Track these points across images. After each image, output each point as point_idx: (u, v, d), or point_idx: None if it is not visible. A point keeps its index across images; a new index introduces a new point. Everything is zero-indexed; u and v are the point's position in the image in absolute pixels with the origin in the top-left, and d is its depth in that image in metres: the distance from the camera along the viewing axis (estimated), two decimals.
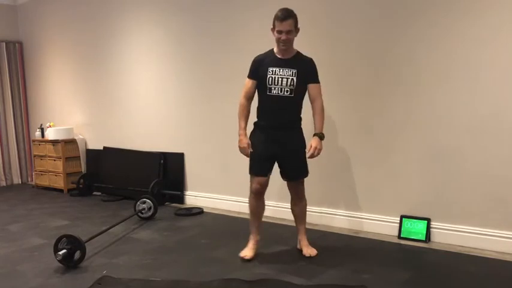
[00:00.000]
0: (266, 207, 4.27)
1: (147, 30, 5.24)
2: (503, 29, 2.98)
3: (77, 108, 6.31)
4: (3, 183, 6.82)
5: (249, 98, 3.11)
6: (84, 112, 6.22)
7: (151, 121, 5.33)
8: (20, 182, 7.03)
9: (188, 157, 5.03)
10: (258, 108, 3.14)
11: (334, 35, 3.76)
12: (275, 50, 3.05)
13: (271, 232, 3.81)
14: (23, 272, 3.08)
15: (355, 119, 3.71)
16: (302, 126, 3.16)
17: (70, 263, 3.11)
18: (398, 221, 3.51)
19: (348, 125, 3.75)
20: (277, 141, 3.06)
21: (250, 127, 3.16)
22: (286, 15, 2.90)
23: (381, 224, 3.62)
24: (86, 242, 3.25)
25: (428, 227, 3.37)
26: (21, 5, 6.97)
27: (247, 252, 3.14)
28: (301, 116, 3.13)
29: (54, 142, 6.03)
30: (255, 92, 3.11)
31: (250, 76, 3.10)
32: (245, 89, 3.11)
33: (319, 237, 3.63)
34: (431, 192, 3.37)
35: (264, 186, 3.14)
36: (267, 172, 3.13)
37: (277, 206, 4.21)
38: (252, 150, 3.11)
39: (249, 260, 3.08)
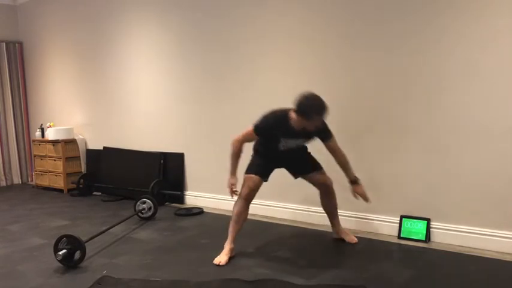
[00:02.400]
0: (267, 207, 4.29)
1: (147, 30, 5.24)
2: (502, 29, 2.98)
3: (77, 108, 6.31)
4: (3, 183, 6.82)
5: (245, 144, 3.14)
6: (84, 112, 6.22)
7: (151, 121, 5.33)
8: (20, 182, 7.03)
9: (188, 157, 5.03)
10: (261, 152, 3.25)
11: (332, 36, 3.76)
12: (292, 118, 2.96)
13: (272, 232, 3.81)
14: (23, 272, 3.08)
15: (354, 120, 3.71)
16: None
17: (70, 263, 3.11)
18: (398, 221, 3.51)
19: (348, 125, 3.75)
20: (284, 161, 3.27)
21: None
22: (323, 113, 2.88)
23: (380, 224, 3.62)
24: (86, 242, 3.25)
25: (428, 227, 3.37)
26: (21, 5, 6.97)
27: (221, 258, 3.09)
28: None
29: (54, 142, 6.03)
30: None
31: (257, 132, 3.04)
32: (245, 137, 3.09)
33: (319, 237, 3.63)
34: (431, 192, 3.37)
35: (255, 190, 3.18)
36: (265, 175, 3.21)
37: (278, 206, 4.22)
38: (255, 157, 3.24)
39: (223, 266, 3.05)
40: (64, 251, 3.09)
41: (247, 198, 3.17)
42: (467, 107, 3.16)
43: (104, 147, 5.85)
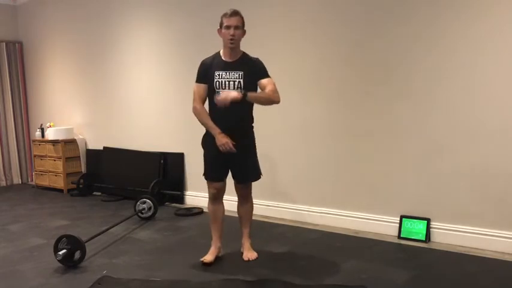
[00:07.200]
0: (266, 207, 4.27)
1: (147, 31, 5.24)
2: (501, 28, 2.98)
3: (77, 108, 6.31)
4: (3, 183, 6.82)
5: (203, 102, 3.03)
6: (84, 112, 6.22)
7: (151, 121, 5.33)
8: (20, 182, 7.02)
9: (188, 157, 5.02)
10: (208, 113, 3.05)
11: (331, 35, 3.76)
12: (221, 52, 3.03)
13: (272, 232, 3.81)
14: (23, 272, 3.08)
15: (354, 120, 3.71)
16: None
17: (70, 263, 3.11)
18: (398, 221, 3.51)
19: (348, 125, 3.75)
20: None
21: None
22: (234, 12, 2.94)
23: (381, 224, 3.62)
24: (86, 242, 3.25)
25: (428, 227, 3.37)
26: (21, 5, 6.97)
27: (207, 257, 3.09)
28: (253, 116, 3.08)
29: (54, 142, 6.03)
30: (207, 96, 3.02)
31: (199, 81, 3.04)
32: (197, 94, 3.02)
33: (319, 237, 3.63)
34: (431, 192, 3.37)
35: (220, 191, 3.12)
36: (222, 177, 3.08)
37: (278, 206, 4.22)
38: (205, 155, 3.09)
39: (208, 264, 3.03)
40: (64, 251, 3.09)
41: (214, 198, 3.13)
42: (467, 107, 3.16)
43: (104, 147, 5.84)
